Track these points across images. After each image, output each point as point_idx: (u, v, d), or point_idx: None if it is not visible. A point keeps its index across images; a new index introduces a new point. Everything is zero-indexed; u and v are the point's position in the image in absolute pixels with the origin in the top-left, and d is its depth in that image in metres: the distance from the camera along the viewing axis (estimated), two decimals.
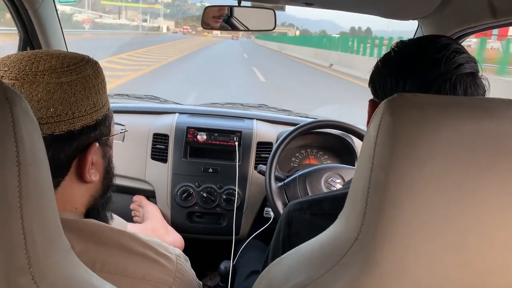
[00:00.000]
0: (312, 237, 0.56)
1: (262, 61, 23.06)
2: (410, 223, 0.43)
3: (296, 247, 0.58)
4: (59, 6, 1.66)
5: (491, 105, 0.45)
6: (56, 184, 0.62)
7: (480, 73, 0.75)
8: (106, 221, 0.72)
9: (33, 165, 0.37)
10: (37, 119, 0.56)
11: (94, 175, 0.66)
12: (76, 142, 0.62)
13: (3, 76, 0.57)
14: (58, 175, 0.62)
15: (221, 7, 1.34)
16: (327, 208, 0.85)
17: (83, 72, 0.63)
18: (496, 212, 0.44)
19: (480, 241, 0.45)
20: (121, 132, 0.71)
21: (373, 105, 0.83)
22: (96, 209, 0.69)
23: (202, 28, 1.38)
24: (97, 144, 0.66)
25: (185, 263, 0.73)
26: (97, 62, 0.68)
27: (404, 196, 0.43)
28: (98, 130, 0.66)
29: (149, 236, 0.70)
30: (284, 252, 0.59)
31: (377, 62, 0.82)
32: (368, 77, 0.84)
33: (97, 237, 0.62)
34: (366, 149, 0.46)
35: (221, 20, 1.36)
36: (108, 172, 0.72)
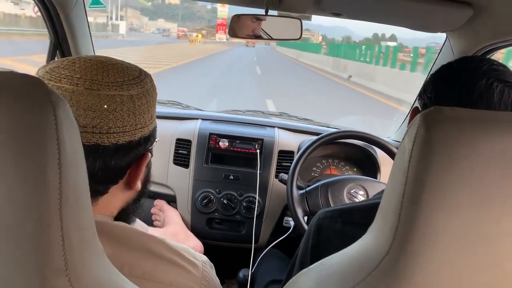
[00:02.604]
0: (342, 246, 0.55)
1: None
2: (443, 240, 0.43)
3: (324, 259, 0.57)
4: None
5: None
6: (105, 190, 0.64)
7: None
8: (131, 224, 0.73)
9: (72, 167, 0.38)
10: (107, 129, 0.58)
11: (139, 183, 0.68)
12: (134, 152, 0.64)
13: (78, 84, 0.59)
14: (113, 181, 0.64)
15: (249, 15, 1.35)
16: (358, 218, 0.84)
17: (145, 85, 0.65)
18: None
19: None
20: (156, 142, 0.73)
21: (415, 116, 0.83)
22: (128, 213, 0.70)
23: (229, 35, 1.39)
24: (150, 154, 0.68)
25: (211, 270, 0.73)
26: (150, 75, 0.69)
27: (439, 212, 0.42)
28: (150, 141, 0.68)
29: (176, 242, 0.71)
30: (312, 260, 0.59)
31: (429, 74, 0.83)
32: None
33: (126, 241, 0.63)
34: (400, 162, 0.45)
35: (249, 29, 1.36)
36: (147, 180, 0.74)
